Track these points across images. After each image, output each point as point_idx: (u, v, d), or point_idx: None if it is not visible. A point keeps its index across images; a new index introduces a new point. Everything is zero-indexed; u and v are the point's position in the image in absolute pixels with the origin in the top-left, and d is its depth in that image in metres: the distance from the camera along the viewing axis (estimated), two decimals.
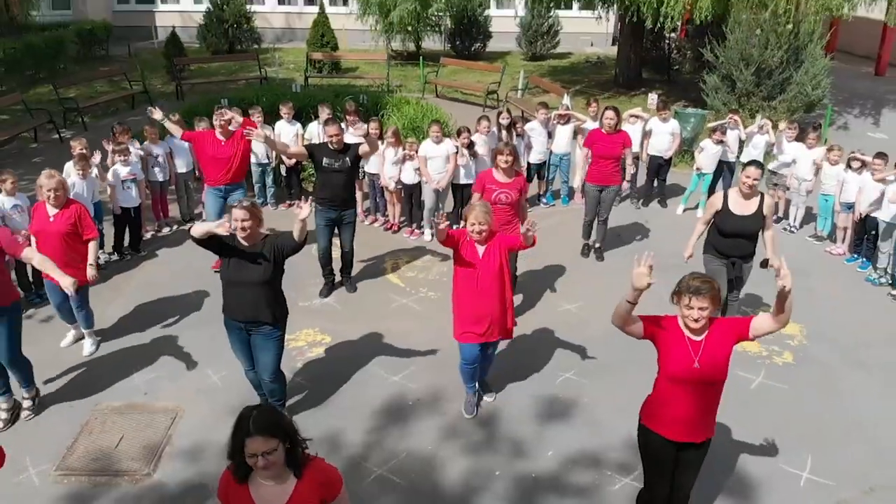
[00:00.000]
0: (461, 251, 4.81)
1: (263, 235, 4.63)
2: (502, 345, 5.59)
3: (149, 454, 4.85)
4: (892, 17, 12.52)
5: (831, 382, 5.75)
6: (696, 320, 3.39)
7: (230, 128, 7.09)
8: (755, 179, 5.55)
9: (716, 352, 3.43)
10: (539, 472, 4.67)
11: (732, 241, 5.67)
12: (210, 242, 4.49)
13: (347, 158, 6.54)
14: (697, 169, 8.91)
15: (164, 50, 16.62)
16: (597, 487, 4.54)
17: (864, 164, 7.58)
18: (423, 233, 8.35)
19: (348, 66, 17.83)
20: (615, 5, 14.70)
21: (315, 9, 19.30)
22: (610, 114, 7.41)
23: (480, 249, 4.80)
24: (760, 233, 5.71)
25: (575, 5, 19.98)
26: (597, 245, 7.83)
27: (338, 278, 7.16)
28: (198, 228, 4.43)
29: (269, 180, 9.05)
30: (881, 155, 7.35)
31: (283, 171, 9.17)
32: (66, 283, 4.73)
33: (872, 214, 7.37)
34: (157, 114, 7.36)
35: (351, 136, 7.62)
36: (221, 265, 4.67)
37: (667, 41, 16.54)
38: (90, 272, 5.72)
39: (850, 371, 5.92)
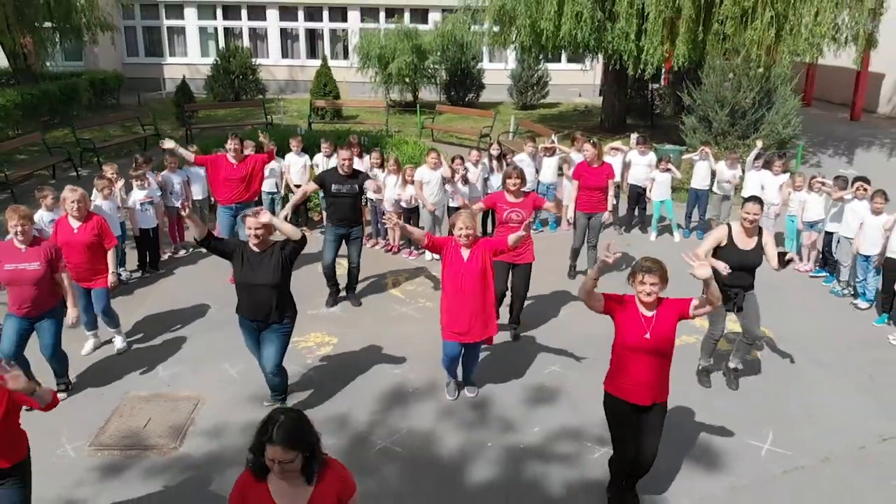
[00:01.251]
0: (447, 255, 5.33)
1: (273, 242, 5.16)
2: (498, 344, 6.17)
3: (175, 432, 5.36)
4: (859, 61, 13.48)
5: (793, 374, 6.33)
6: (648, 294, 4.03)
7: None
8: (755, 215, 5.64)
9: (664, 325, 4.07)
10: (526, 443, 5.21)
11: (735, 274, 5.54)
12: (219, 248, 5.12)
13: (356, 185, 7.19)
14: (648, 198, 9.76)
15: (175, 97, 17.53)
16: (577, 456, 5.08)
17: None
18: (421, 253, 8.98)
19: (349, 114, 18.74)
20: (600, 54, 15.73)
21: (317, 62, 20.36)
22: (587, 146, 8.16)
23: (465, 254, 5.31)
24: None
25: (563, 58, 21.23)
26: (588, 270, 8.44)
27: (342, 294, 7.72)
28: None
29: (277, 209, 9.71)
30: (838, 178, 8.09)
31: (290, 200, 9.83)
32: (71, 315, 5.60)
33: (831, 231, 8.07)
34: (169, 143, 8.10)
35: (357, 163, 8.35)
36: (235, 269, 5.18)
37: (649, 89, 17.55)
38: (111, 279, 6.34)
39: (811, 366, 6.49)
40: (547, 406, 5.71)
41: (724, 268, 5.28)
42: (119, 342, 6.59)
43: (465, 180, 8.84)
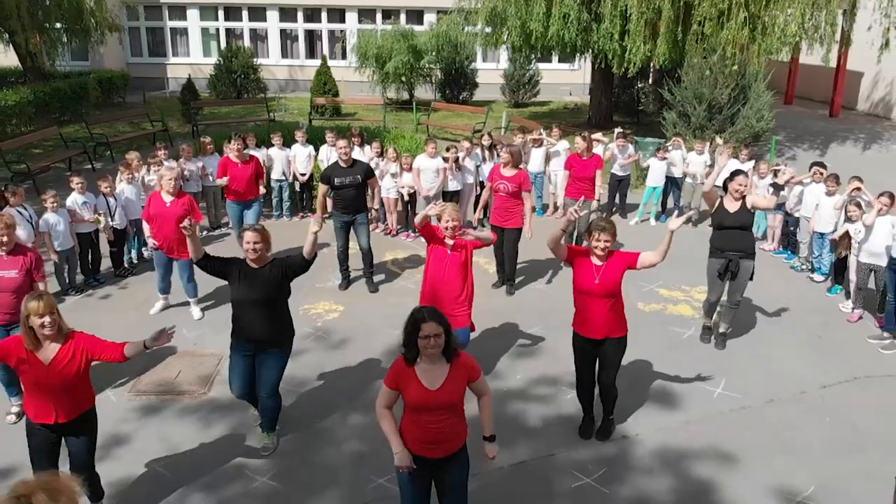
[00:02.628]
0: (434, 244, 5.80)
1: (271, 258, 4.99)
2: (490, 311, 6.96)
3: (203, 381, 6.13)
4: (828, 60, 14.30)
5: (750, 333, 7.14)
6: (601, 249, 4.88)
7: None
8: (742, 186, 6.42)
9: (611, 273, 4.91)
10: (510, 387, 6.00)
11: (729, 232, 6.42)
12: (215, 268, 4.99)
13: (358, 175, 7.73)
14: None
15: (181, 95, 18.28)
16: (553, 396, 5.87)
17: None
18: (417, 236, 9.74)
19: (348, 111, 19.50)
20: (587, 54, 16.53)
21: (316, 62, 21.13)
22: (578, 139, 8.94)
23: (450, 244, 5.77)
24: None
25: (554, 58, 22.02)
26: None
27: (354, 274, 8.31)
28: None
29: (285, 195, 10.46)
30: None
31: (297, 187, 10.60)
32: None
33: (795, 214, 8.88)
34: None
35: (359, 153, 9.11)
36: (232, 288, 4.94)
37: (635, 87, 18.35)
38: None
39: (766, 327, 7.29)
40: (529, 358, 6.52)
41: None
42: (196, 311, 7.35)
43: (459, 166, 9.61)
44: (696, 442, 5.34)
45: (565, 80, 22.98)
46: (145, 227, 7.20)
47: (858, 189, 7.96)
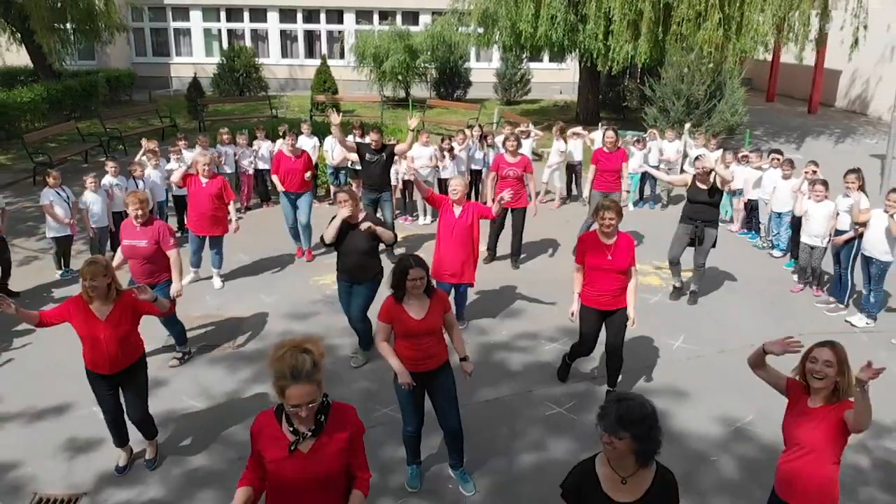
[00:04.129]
0: (444, 211, 6.80)
1: (364, 215, 6.32)
2: (485, 280, 7.84)
3: (229, 336, 7.02)
4: (799, 55, 15.21)
5: (710, 298, 8.05)
6: (608, 226, 5.57)
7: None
8: (705, 167, 7.69)
9: (621, 250, 5.60)
10: (496, 341, 6.89)
11: (699, 206, 7.67)
12: (336, 240, 6.21)
13: (383, 155, 8.82)
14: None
15: (187, 93, 19.11)
16: (533, 347, 6.78)
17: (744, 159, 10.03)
18: (416, 218, 10.63)
19: (346, 109, 20.35)
20: (574, 53, 17.42)
21: (315, 61, 21.97)
22: (609, 133, 9.53)
23: (457, 210, 6.78)
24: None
25: (545, 58, 22.91)
26: None
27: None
28: (329, 233, 6.20)
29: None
30: (757, 150, 9.82)
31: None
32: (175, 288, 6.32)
33: (754, 197, 9.80)
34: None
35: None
36: (338, 240, 6.22)
37: (621, 85, 19.26)
38: (232, 226, 8.03)
39: (725, 293, 8.20)
40: (512, 318, 7.44)
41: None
42: (217, 282, 8.23)
43: (452, 156, 10.49)
44: (655, 382, 6.23)
45: (555, 78, 23.85)
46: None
47: (814, 172, 8.82)
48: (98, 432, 5.33)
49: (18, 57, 20.38)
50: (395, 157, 10.31)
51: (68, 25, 18.87)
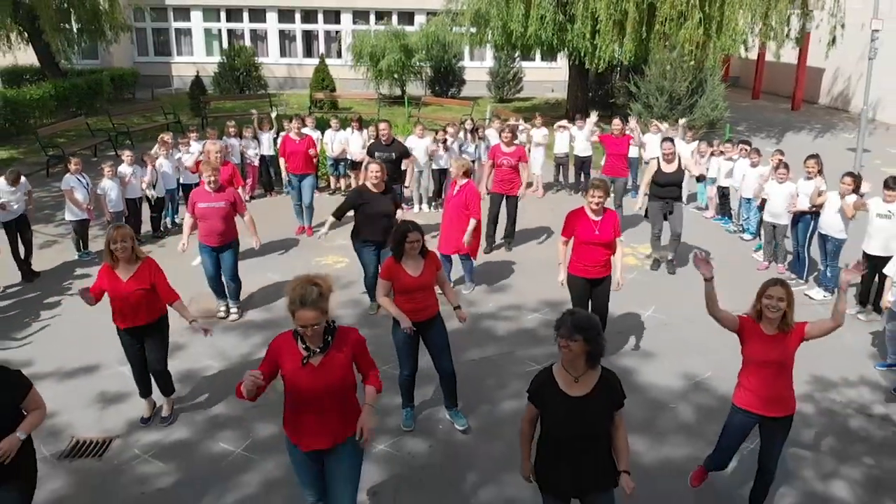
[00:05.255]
0: (450, 190, 7.84)
1: (387, 186, 7.29)
2: (479, 260, 8.57)
3: (242, 306, 7.65)
4: (777, 52, 15.91)
5: (680, 275, 8.73)
6: (596, 203, 6.22)
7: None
8: (669, 150, 8.62)
9: (607, 225, 6.25)
10: (483, 312, 7.56)
11: (666, 188, 8.61)
12: (345, 211, 7.18)
13: (392, 153, 9.41)
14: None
15: (190, 90, 19.76)
16: (517, 317, 7.46)
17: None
18: (412, 207, 11.30)
19: (345, 105, 21.02)
20: (563, 52, 18.11)
21: (313, 61, 22.63)
22: (615, 121, 10.62)
23: (455, 189, 7.68)
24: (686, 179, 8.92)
25: (537, 57, 23.61)
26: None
27: None
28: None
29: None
30: (720, 138, 10.53)
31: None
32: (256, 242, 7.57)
33: (726, 184, 10.50)
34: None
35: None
36: (358, 207, 7.16)
37: (609, 83, 19.95)
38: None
39: (694, 271, 8.79)
40: (499, 292, 8.14)
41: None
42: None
43: (446, 147, 11.16)
44: (626, 345, 6.92)
45: (547, 77, 24.53)
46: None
47: (780, 161, 9.50)
48: (125, 387, 5.98)
49: (24, 56, 20.94)
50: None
51: (74, 25, 19.53)
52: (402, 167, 9.85)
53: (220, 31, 25.11)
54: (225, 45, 24.10)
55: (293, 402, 3.73)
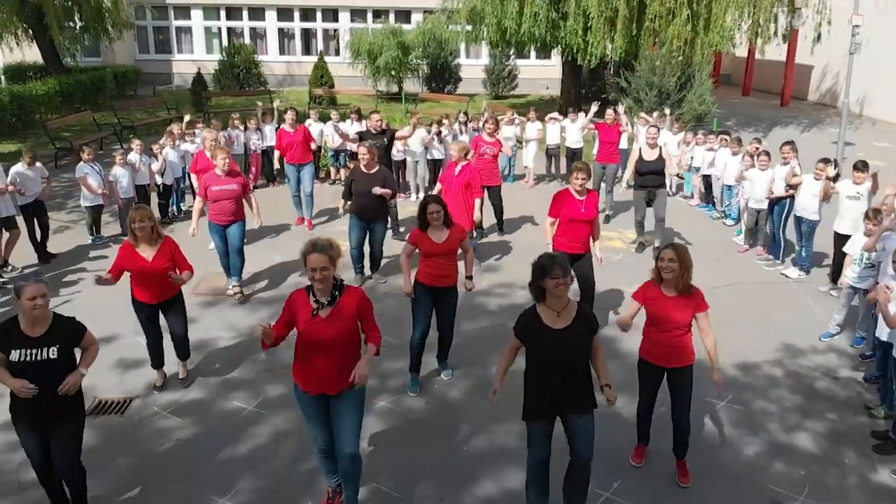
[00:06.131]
0: (447, 169, 8.39)
1: (378, 166, 7.96)
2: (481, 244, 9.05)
3: (249, 283, 8.09)
4: (762, 48, 16.36)
5: None
6: (580, 184, 6.75)
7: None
8: (654, 136, 9.13)
9: (591, 204, 6.79)
10: (477, 290, 7.92)
11: (647, 177, 9.07)
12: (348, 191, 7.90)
13: (385, 139, 9.90)
14: None
15: (192, 86, 20.19)
16: (509, 293, 7.94)
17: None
18: (408, 195, 11.74)
19: (343, 101, 21.44)
20: (556, 49, 18.57)
21: (311, 58, 23.07)
22: (609, 111, 11.19)
23: (456, 170, 8.18)
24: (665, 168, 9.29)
25: (532, 54, 24.08)
26: (608, 213, 10.86)
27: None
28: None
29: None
30: (706, 130, 11.03)
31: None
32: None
33: (709, 173, 10.99)
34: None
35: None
36: (351, 185, 7.89)
37: (602, 79, 20.41)
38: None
39: None
40: (493, 272, 8.62)
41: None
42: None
43: (440, 139, 11.61)
44: (610, 318, 7.37)
45: (542, 74, 25.00)
46: (194, 179, 9.14)
47: (757, 148, 9.96)
48: (141, 355, 6.38)
49: (29, 53, 21.36)
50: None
51: (77, 23, 19.95)
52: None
53: (220, 29, 25.55)
54: (225, 42, 24.54)
55: (305, 350, 4.17)
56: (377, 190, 7.79)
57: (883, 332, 5.50)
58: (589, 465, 4.27)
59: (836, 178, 8.23)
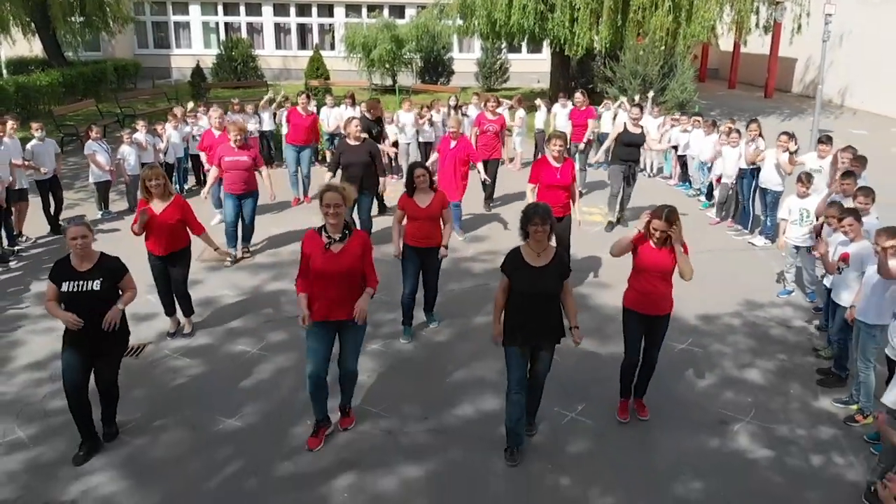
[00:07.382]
0: (443, 141, 9.06)
1: (364, 138, 8.48)
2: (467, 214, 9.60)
3: (251, 251, 8.68)
4: (744, 39, 17.01)
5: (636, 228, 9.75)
6: (558, 151, 7.32)
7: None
8: (637, 115, 9.75)
9: (566, 171, 7.37)
10: (464, 256, 8.64)
11: (628, 148, 9.59)
12: (335, 166, 8.35)
13: (379, 127, 10.59)
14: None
15: (191, 78, 20.73)
16: (492, 260, 8.44)
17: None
18: (401, 177, 12.30)
19: (338, 94, 21.97)
20: (545, 41, 19.17)
21: (307, 52, 23.56)
22: (578, 95, 11.97)
23: (453, 144, 8.80)
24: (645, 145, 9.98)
25: (524, 48, 24.67)
26: (581, 190, 11.33)
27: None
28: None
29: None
30: (683, 111, 11.62)
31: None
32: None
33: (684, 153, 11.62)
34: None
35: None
36: (339, 158, 8.38)
37: (591, 70, 21.00)
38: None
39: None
40: (478, 242, 9.23)
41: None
42: (217, 218, 9.79)
43: (431, 123, 12.19)
44: (584, 278, 7.96)
45: (532, 68, 25.58)
46: (202, 155, 9.77)
47: (730, 128, 10.56)
48: (153, 310, 6.96)
49: (30, 47, 21.84)
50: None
51: (78, 17, 20.46)
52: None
53: (217, 24, 26.07)
54: (222, 37, 25.05)
55: (319, 282, 4.73)
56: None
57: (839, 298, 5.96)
58: (544, 378, 4.93)
59: (795, 153, 8.83)
